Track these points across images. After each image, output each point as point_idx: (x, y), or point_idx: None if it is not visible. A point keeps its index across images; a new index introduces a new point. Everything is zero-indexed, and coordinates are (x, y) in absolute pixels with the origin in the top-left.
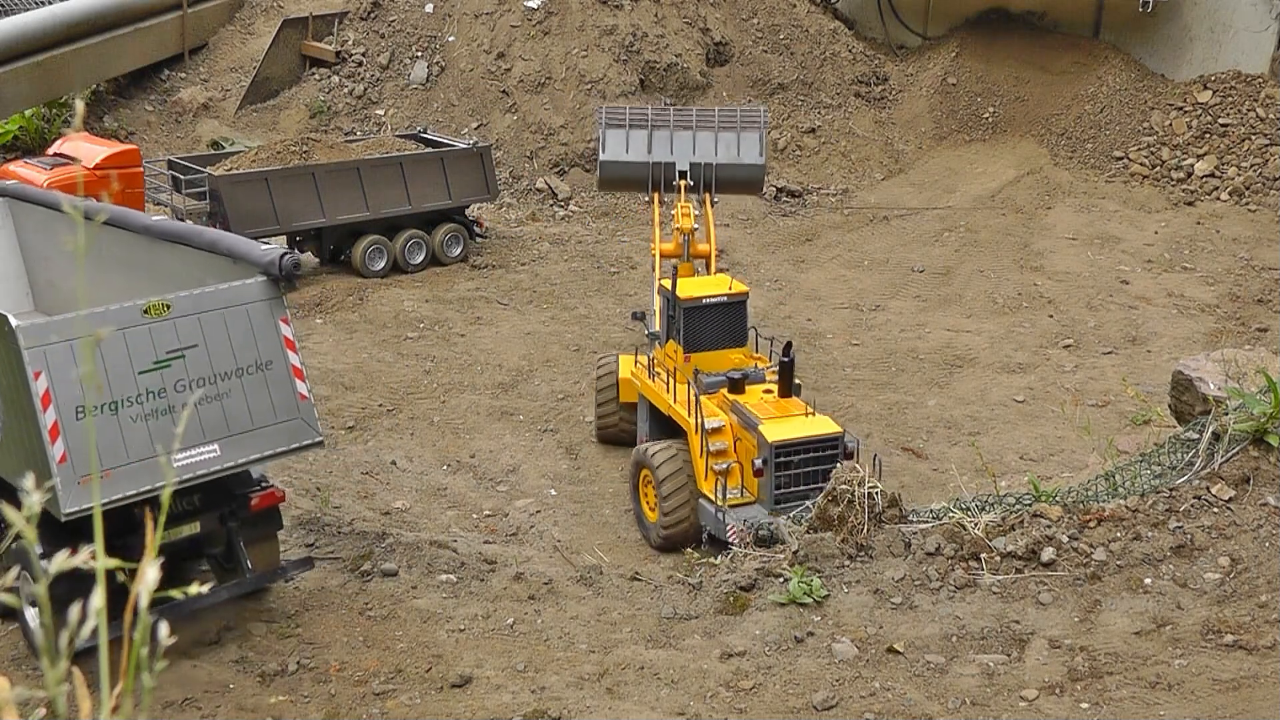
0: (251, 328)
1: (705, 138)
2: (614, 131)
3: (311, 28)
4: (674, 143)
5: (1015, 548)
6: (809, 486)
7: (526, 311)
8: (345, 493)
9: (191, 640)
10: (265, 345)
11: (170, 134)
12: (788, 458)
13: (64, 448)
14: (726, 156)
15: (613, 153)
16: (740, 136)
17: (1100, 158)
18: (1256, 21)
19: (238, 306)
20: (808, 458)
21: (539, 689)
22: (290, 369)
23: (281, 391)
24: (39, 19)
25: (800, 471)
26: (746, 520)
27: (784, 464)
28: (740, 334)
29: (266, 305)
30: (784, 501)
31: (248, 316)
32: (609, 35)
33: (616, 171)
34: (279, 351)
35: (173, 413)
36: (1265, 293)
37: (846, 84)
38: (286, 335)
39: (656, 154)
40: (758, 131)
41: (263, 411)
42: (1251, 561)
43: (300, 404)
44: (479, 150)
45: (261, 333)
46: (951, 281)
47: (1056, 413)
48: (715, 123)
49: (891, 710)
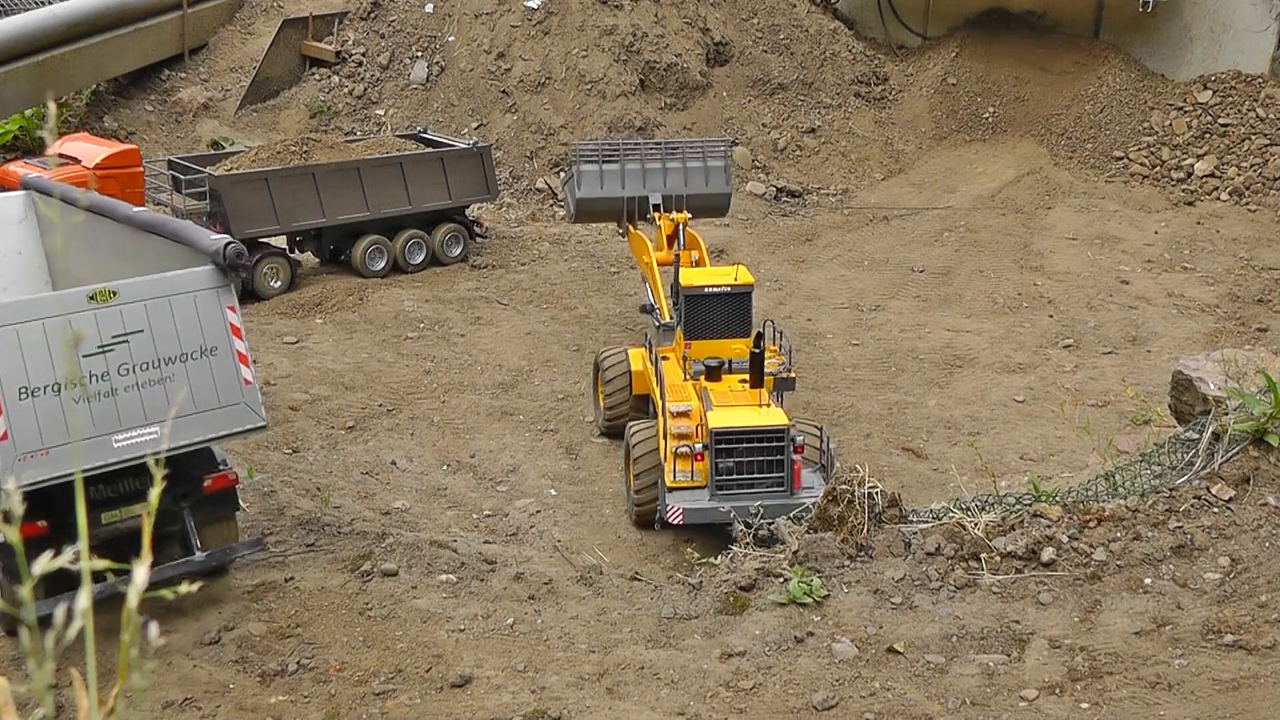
0: (197, 314)
1: (675, 169)
2: (588, 167)
3: (311, 28)
4: (646, 177)
5: (1015, 548)
6: (752, 476)
7: (526, 311)
8: (345, 493)
9: (192, 640)
10: (211, 332)
11: (170, 134)
12: (728, 445)
13: (4, 426)
14: (695, 187)
15: (588, 190)
16: (707, 167)
17: (1100, 158)
18: (1256, 21)
19: (184, 294)
20: (750, 447)
21: (539, 689)
22: (235, 355)
23: (225, 377)
24: (39, 19)
25: (742, 460)
26: (686, 505)
27: (724, 451)
28: (744, 325)
29: (213, 293)
30: (724, 489)
31: (194, 303)
32: (609, 35)
33: (593, 207)
34: (224, 338)
35: (115, 395)
36: (1265, 293)
37: (846, 84)
38: (233, 322)
39: (630, 189)
40: (723, 162)
41: (206, 396)
42: (1251, 561)
43: (244, 389)
44: (479, 150)
45: (207, 319)
46: (951, 281)
47: (1056, 413)
48: (683, 154)
49: (891, 710)
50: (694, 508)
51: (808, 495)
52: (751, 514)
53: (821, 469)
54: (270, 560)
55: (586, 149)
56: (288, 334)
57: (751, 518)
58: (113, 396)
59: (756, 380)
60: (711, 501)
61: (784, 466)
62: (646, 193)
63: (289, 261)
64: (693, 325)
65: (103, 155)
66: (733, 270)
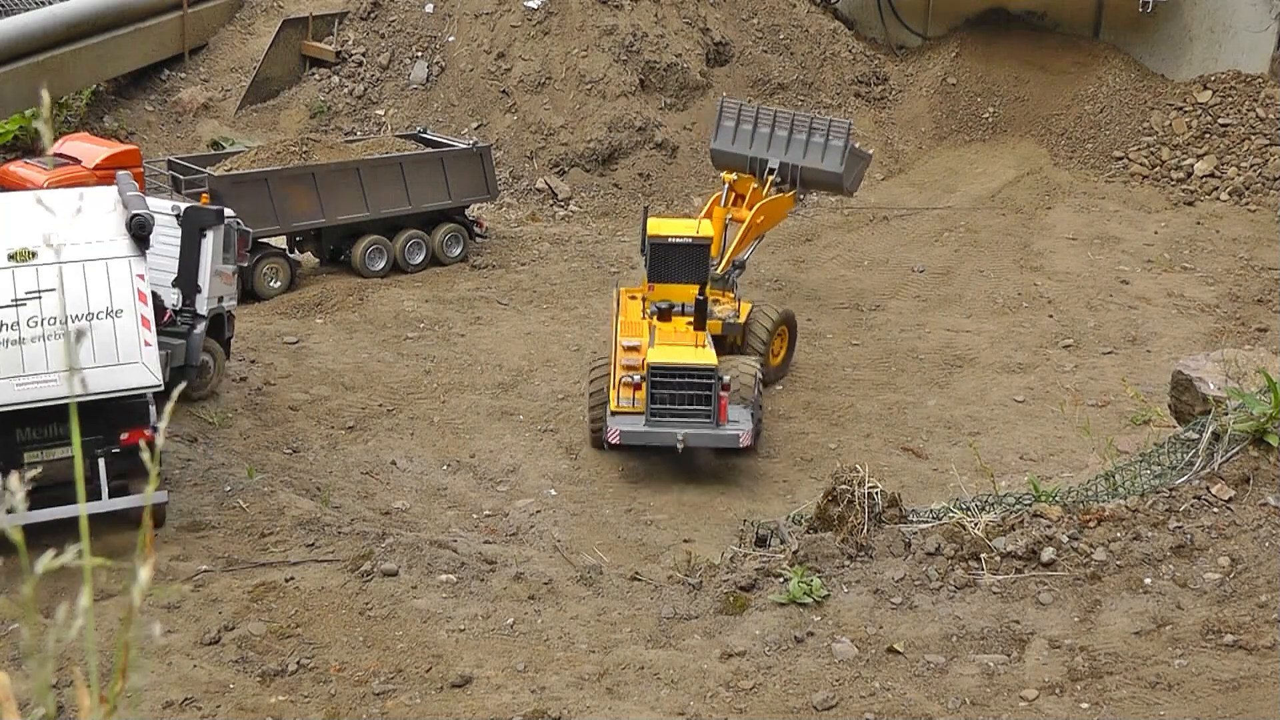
0: (108, 279)
1: (798, 141)
2: (727, 123)
3: (311, 28)
4: (771, 141)
5: (1015, 548)
6: (682, 408)
7: (526, 311)
8: (345, 493)
9: (192, 640)
10: (119, 296)
11: (170, 134)
12: (662, 378)
13: None
14: (810, 160)
15: (721, 143)
16: (827, 145)
17: (1100, 158)
18: (1256, 21)
19: (97, 260)
20: (682, 382)
21: (539, 689)
22: (139, 319)
23: (127, 338)
24: (39, 19)
25: (673, 393)
26: (623, 428)
27: (658, 383)
28: (701, 272)
29: (125, 261)
30: (657, 416)
31: (105, 269)
32: (609, 35)
33: (723, 158)
34: (131, 302)
35: (21, 344)
36: (1265, 293)
37: (846, 84)
38: (140, 289)
39: (755, 149)
40: (841, 142)
41: (106, 353)
42: (1251, 561)
43: (144, 350)
44: (479, 150)
45: (117, 284)
46: (951, 281)
47: (1056, 413)
48: (808, 129)
49: (891, 710)
50: (630, 430)
51: (733, 428)
52: (678, 442)
53: (758, 406)
54: (270, 560)
55: (731, 105)
56: (288, 334)
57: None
58: (19, 345)
59: (699, 323)
60: (645, 427)
61: (711, 401)
62: (767, 156)
63: (288, 262)
64: (656, 270)
65: (103, 155)
66: (696, 224)
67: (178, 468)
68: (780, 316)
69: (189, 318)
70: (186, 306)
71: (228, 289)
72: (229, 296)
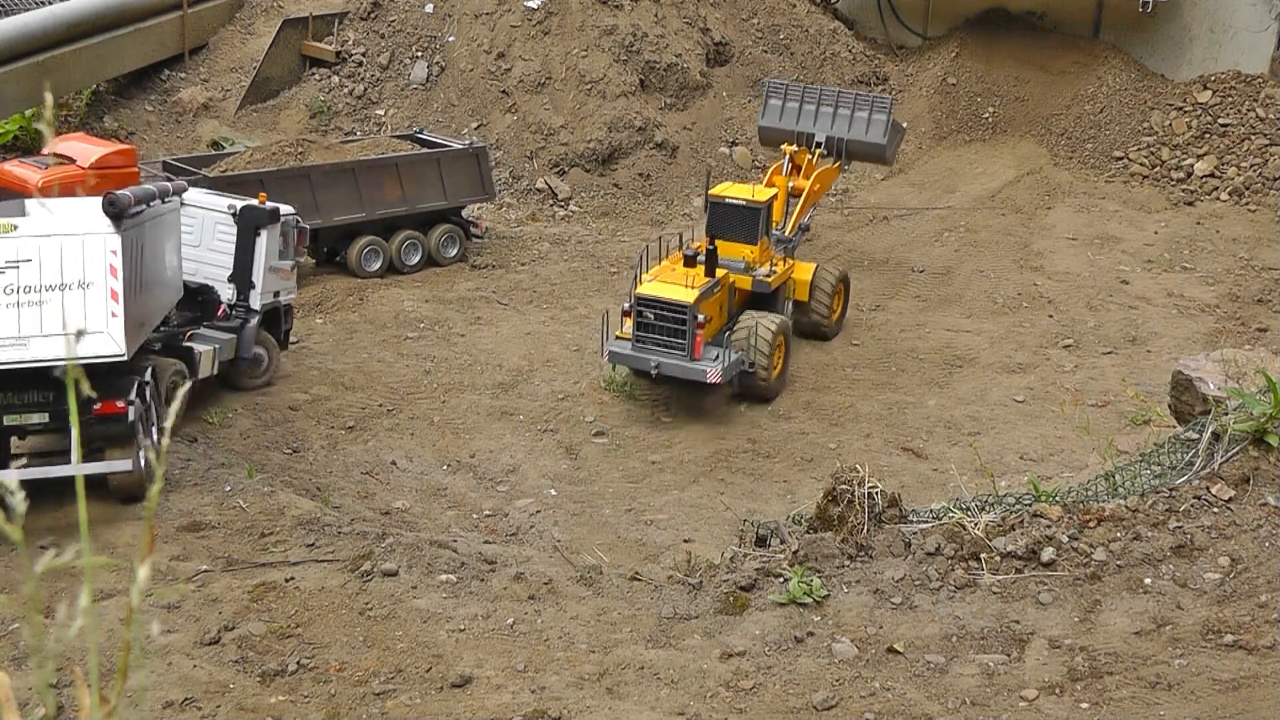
0: (83, 253)
1: (843, 115)
2: (774, 101)
3: (311, 28)
4: (817, 116)
5: (1015, 548)
6: (661, 337)
7: (526, 311)
8: (345, 493)
9: (192, 640)
10: (91, 269)
11: (170, 134)
12: (645, 309)
13: None
14: (855, 134)
15: (769, 120)
16: (870, 119)
17: (1100, 158)
18: (1256, 21)
19: (75, 235)
20: (661, 314)
21: (539, 689)
22: (109, 292)
23: (96, 309)
24: (39, 19)
25: (654, 323)
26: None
27: (641, 312)
28: (752, 233)
29: (100, 237)
30: (641, 343)
31: (81, 244)
32: (609, 35)
33: (770, 134)
34: (102, 276)
35: None
36: (1265, 293)
37: (846, 84)
38: (113, 264)
39: (802, 124)
40: (884, 114)
41: (75, 321)
42: (1251, 561)
43: (110, 321)
44: (475, 151)
45: (91, 258)
46: (951, 281)
47: (1056, 413)
48: (852, 105)
49: (891, 710)
50: (618, 352)
51: (707, 365)
52: (652, 367)
53: (741, 351)
54: (270, 560)
55: (777, 84)
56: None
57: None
58: None
59: (709, 270)
60: (630, 350)
61: (686, 336)
62: (814, 131)
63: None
64: (713, 226)
65: (98, 155)
66: (752, 190)
67: (178, 468)
68: (839, 276)
69: (242, 312)
70: (240, 302)
71: (285, 283)
72: (286, 291)
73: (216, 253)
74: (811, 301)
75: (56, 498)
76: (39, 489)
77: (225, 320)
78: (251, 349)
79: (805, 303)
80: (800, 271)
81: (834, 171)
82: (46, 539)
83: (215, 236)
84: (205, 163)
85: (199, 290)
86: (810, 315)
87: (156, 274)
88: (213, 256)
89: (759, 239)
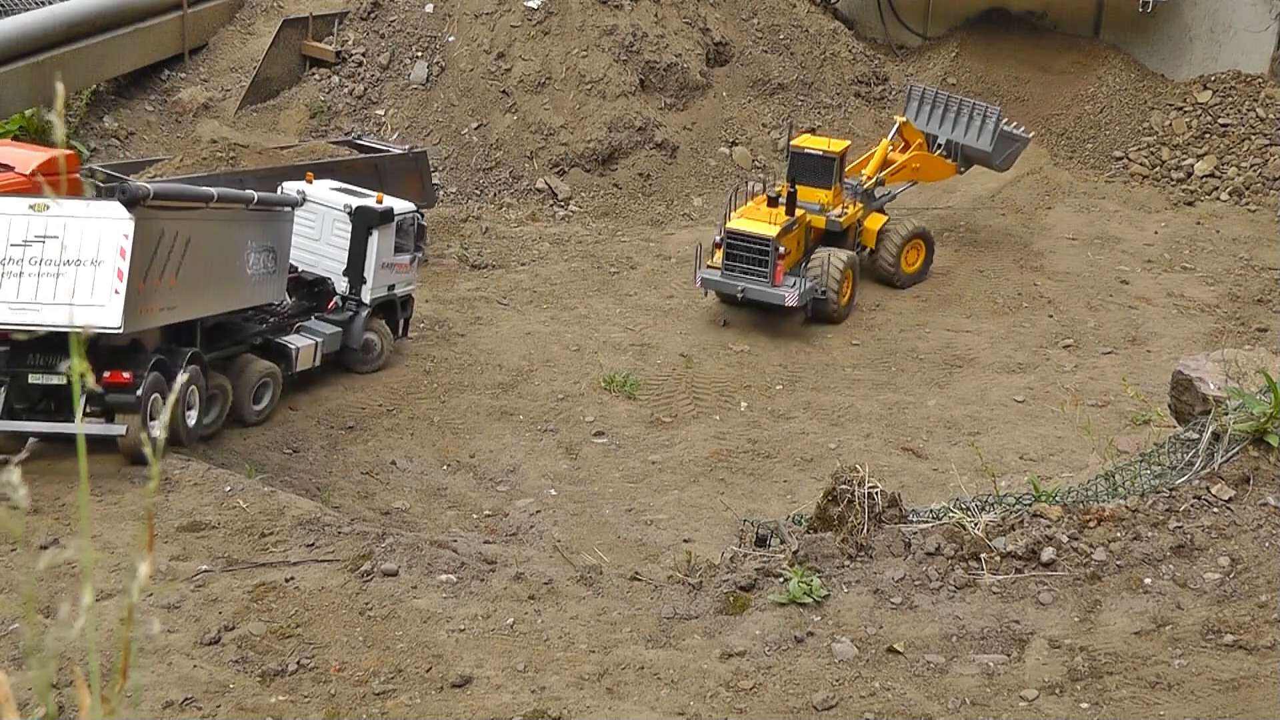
0: (99, 236)
1: (962, 122)
2: (913, 103)
3: (311, 28)
4: (943, 120)
5: (1015, 548)
6: (746, 266)
7: (526, 311)
8: (345, 493)
9: (192, 640)
10: (104, 250)
11: (170, 134)
12: (732, 241)
13: None
14: (968, 139)
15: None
16: (981, 126)
17: (1100, 158)
18: (1256, 21)
19: (95, 219)
20: (747, 245)
21: (539, 689)
22: (115, 271)
23: (101, 285)
24: (39, 19)
25: (739, 254)
26: (704, 275)
27: (729, 245)
28: (826, 179)
29: (116, 222)
30: (730, 271)
31: (99, 227)
32: (609, 35)
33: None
34: (113, 256)
35: (20, 277)
36: (1265, 293)
37: (846, 84)
38: (123, 247)
39: (930, 126)
40: (992, 123)
41: (84, 294)
42: (1251, 561)
43: (112, 297)
44: (415, 155)
45: (105, 241)
46: (951, 281)
47: (1056, 413)
48: (969, 112)
49: (891, 710)
50: (709, 278)
51: (785, 290)
52: (738, 292)
53: (814, 279)
54: (270, 560)
55: (918, 89)
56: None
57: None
58: (18, 278)
59: (789, 210)
60: (720, 278)
61: (768, 265)
62: (937, 133)
63: None
64: (792, 172)
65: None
66: (828, 142)
67: (178, 467)
68: (913, 230)
69: (353, 306)
70: (352, 295)
71: (401, 276)
72: (404, 283)
73: (334, 247)
74: (880, 250)
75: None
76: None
77: (335, 312)
78: (360, 340)
79: (875, 250)
80: (871, 221)
81: (946, 168)
82: (47, 539)
83: (333, 232)
84: (131, 170)
85: (315, 281)
86: (879, 263)
87: (217, 269)
88: (330, 250)
89: (832, 185)
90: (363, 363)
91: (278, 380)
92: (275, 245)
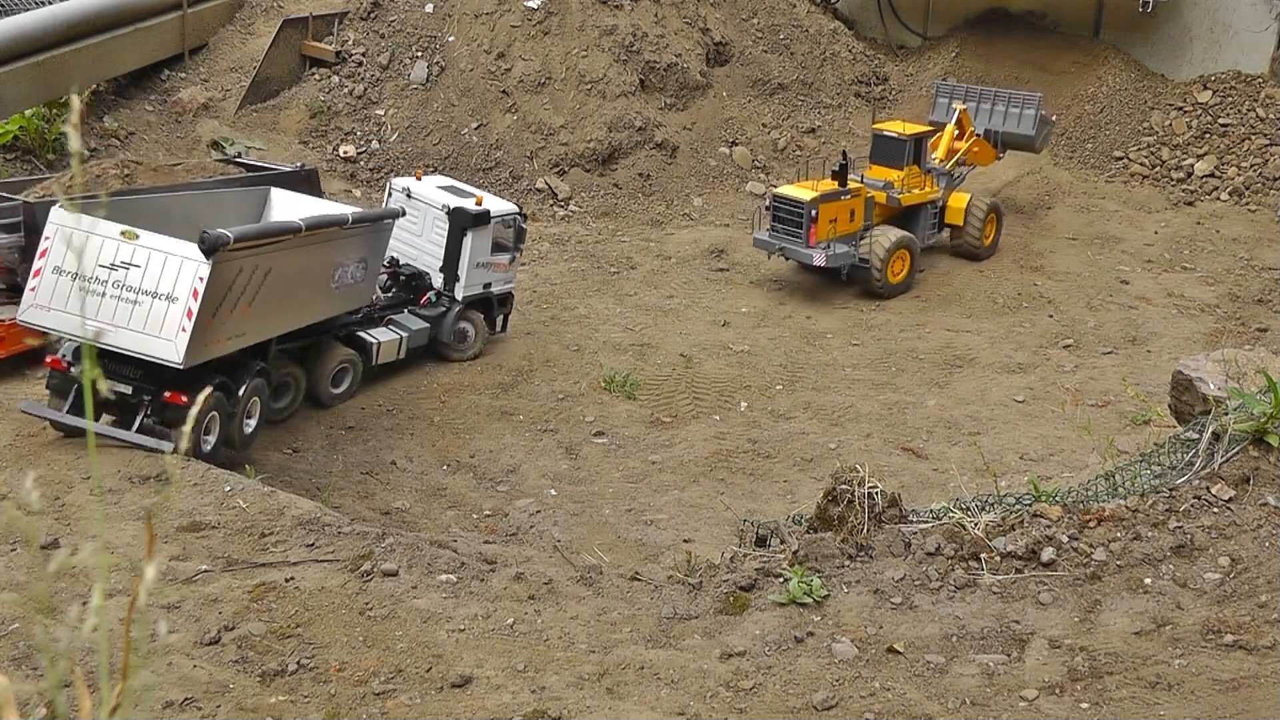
0: (177, 274)
1: (999, 111)
2: (941, 99)
3: (311, 28)
4: (977, 112)
5: (1015, 548)
6: (787, 227)
7: (527, 311)
8: (345, 493)
9: (192, 640)
10: (180, 288)
11: (170, 134)
12: (777, 205)
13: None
14: (1008, 126)
15: (938, 115)
16: (1021, 113)
17: (1100, 158)
18: (1256, 21)
19: (176, 256)
20: (789, 209)
21: (539, 689)
22: (186, 310)
23: (171, 320)
24: (39, 19)
25: (782, 217)
26: (756, 235)
27: (775, 209)
28: (899, 160)
29: (194, 263)
30: (775, 233)
31: (179, 265)
32: (609, 35)
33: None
34: (186, 295)
35: (102, 297)
36: (1265, 293)
37: (846, 84)
38: (196, 288)
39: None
40: (1034, 110)
41: (155, 326)
42: (1251, 561)
43: (178, 334)
44: (306, 173)
45: (181, 280)
46: (951, 281)
47: (1056, 413)
48: (1006, 102)
49: (891, 710)
50: (759, 238)
51: (818, 252)
52: (779, 250)
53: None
54: (270, 560)
55: (946, 85)
56: None
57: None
58: (100, 297)
59: (841, 181)
60: (767, 238)
61: (803, 226)
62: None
63: None
64: (873, 154)
65: None
66: (903, 125)
67: (178, 467)
68: (989, 206)
69: (446, 301)
70: (446, 291)
71: (498, 275)
72: (501, 281)
73: (433, 244)
74: (966, 226)
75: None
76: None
77: (428, 307)
78: (450, 333)
79: (960, 227)
80: (955, 200)
81: (990, 154)
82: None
83: (433, 229)
84: (19, 189)
85: (413, 275)
86: (964, 238)
87: (299, 291)
88: (430, 247)
89: (905, 165)
90: (457, 351)
91: (357, 366)
92: (369, 255)
